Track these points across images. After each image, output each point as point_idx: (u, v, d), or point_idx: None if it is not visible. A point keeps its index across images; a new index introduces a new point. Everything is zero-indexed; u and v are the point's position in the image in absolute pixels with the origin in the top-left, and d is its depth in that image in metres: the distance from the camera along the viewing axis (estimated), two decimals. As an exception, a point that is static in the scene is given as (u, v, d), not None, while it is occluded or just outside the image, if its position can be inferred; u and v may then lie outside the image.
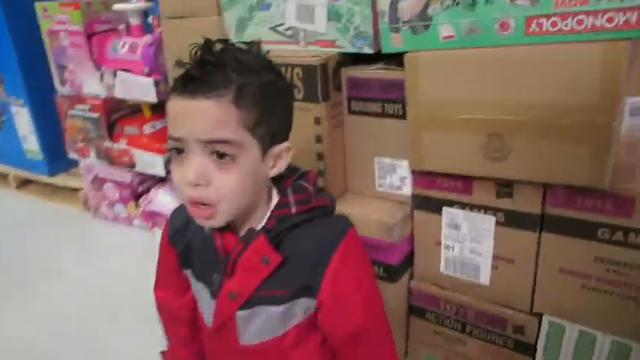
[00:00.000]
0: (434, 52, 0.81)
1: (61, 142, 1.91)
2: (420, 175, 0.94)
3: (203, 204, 0.56)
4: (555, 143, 0.75)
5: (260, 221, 0.63)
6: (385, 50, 0.87)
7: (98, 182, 1.90)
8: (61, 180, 2.08)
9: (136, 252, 1.71)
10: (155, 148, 1.72)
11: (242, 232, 0.63)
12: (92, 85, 1.76)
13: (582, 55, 0.70)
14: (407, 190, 0.98)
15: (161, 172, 1.70)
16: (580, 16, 0.68)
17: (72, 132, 1.86)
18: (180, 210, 0.74)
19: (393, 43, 0.85)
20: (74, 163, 2.02)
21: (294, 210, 0.62)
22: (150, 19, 1.72)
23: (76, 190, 2.03)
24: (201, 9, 1.11)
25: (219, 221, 0.58)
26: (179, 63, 0.57)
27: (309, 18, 0.93)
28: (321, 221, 0.63)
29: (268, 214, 0.63)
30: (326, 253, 0.60)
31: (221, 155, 0.55)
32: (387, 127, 0.94)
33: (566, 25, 0.70)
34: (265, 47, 0.63)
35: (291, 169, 0.66)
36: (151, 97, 1.61)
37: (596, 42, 0.68)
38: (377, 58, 0.91)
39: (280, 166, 0.62)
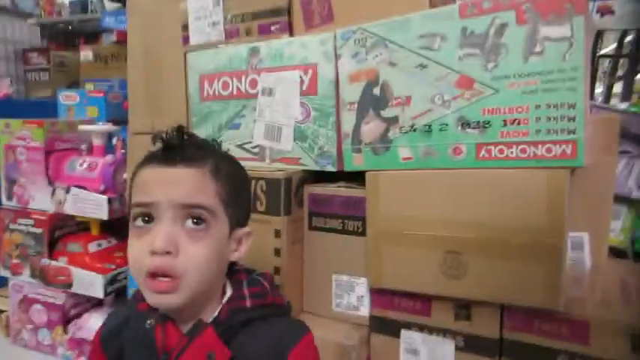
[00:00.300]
0: (394, 171, 0.87)
1: (-8, 260, 1.77)
2: (379, 294, 0.92)
3: (165, 275, 0.53)
4: (509, 263, 0.77)
5: (211, 315, 0.59)
6: (347, 169, 0.92)
7: (26, 304, 1.73)
8: (-17, 300, 1.88)
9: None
10: (97, 267, 1.62)
11: (187, 327, 0.58)
12: (41, 201, 1.70)
13: (528, 181, 0.76)
14: (364, 310, 0.95)
15: (99, 294, 1.58)
16: (523, 145, 0.76)
17: (8, 247, 1.74)
18: (117, 312, 0.70)
19: (355, 162, 0.91)
20: (2, 281, 1.85)
21: (249, 304, 0.60)
22: (114, 141, 1.75)
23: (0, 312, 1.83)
24: (171, 126, 1.15)
25: (178, 298, 0.54)
26: (156, 136, 0.58)
27: (277, 138, 0.98)
28: (277, 320, 0.61)
29: (220, 307, 0.60)
30: (282, 354, 0.57)
31: (196, 221, 0.55)
32: (346, 244, 0.94)
33: (511, 153, 0.77)
34: None
35: (247, 270, 0.66)
36: (103, 214, 1.57)
37: (540, 169, 0.75)
38: (339, 175, 0.95)
39: (241, 251, 0.62)
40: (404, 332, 0.90)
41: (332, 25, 0.93)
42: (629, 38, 3.01)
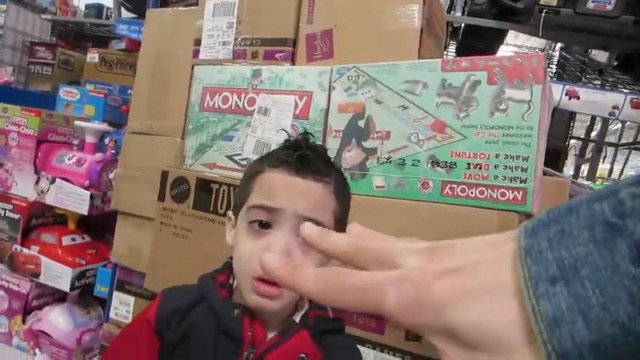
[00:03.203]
0: (367, 197, 0.96)
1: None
2: (339, 310, 0.98)
3: (273, 283, 0.53)
4: (459, 291, 0.86)
5: (290, 319, 0.61)
6: (326, 190, 1.01)
7: (-12, 288, 1.72)
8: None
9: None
10: (68, 261, 1.64)
11: (272, 326, 0.60)
12: (24, 188, 1.73)
13: (483, 219, 0.86)
14: (323, 324, 1.01)
15: (66, 287, 1.60)
16: (481, 188, 0.86)
17: (-19, 229, 1.75)
18: (179, 292, 0.65)
19: (333, 184, 1.00)
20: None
21: (331, 314, 0.63)
22: (106, 141, 1.81)
23: (-44, 293, 1.81)
24: (167, 130, 1.23)
25: (278, 305, 0.56)
26: (288, 140, 0.63)
27: (265, 153, 1.07)
28: (344, 337, 0.66)
29: (303, 311, 0.62)
30: None
31: None
32: (314, 260, 1.02)
33: (471, 193, 0.87)
34: (217, 171, 0.70)
35: None
36: (84, 209, 1.61)
37: (494, 210, 0.85)
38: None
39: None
40: (358, 347, 0.97)
41: (331, 60, 1.04)
42: (598, 125, 3.26)
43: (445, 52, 1.59)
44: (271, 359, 0.56)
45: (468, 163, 0.87)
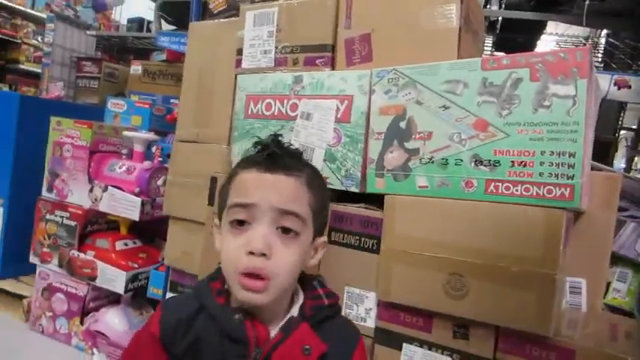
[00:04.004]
0: (410, 197, 0.97)
1: (24, 247, 1.89)
2: (385, 308, 1.01)
3: (258, 276, 0.57)
4: (507, 288, 0.86)
5: (290, 312, 0.64)
6: (369, 191, 1.03)
7: (49, 292, 1.83)
8: (9, 284, 1.99)
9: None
10: (122, 265, 1.72)
11: (272, 323, 0.63)
12: (79, 196, 1.83)
13: (529, 216, 0.85)
14: (371, 322, 1.03)
15: (121, 290, 1.68)
16: (527, 185, 0.86)
17: (41, 236, 1.87)
18: (177, 303, 0.69)
19: (377, 185, 1.02)
20: (29, 269, 1.96)
21: (326, 302, 0.66)
22: (153, 149, 1.89)
23: (22, 297, 1.93)
24: (214, 138, 1.28)
25: (267, 297, 0.59)
26: (257, 142, 0.66)
27: (309, 157, 1.10)
28: (339, 319, 0.69)
29: (300, 303, 0.65)
30: (350, 347, 0.65)
31: (286, 230, 0.59)
32: (360, 259, 1.04)
33: (517, 190, 0.87)
34: None
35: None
36: (135, 215, 1.68)
37: (540, 207, 0.85)
38: (360, 196, 1.06)
39: (317, 258, 0.67)
40: (405, 346, 0.98)
41: (370, 64, 1.06)
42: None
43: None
44: (278, 356, 0.59)
45: (512, 161, 0.87)
